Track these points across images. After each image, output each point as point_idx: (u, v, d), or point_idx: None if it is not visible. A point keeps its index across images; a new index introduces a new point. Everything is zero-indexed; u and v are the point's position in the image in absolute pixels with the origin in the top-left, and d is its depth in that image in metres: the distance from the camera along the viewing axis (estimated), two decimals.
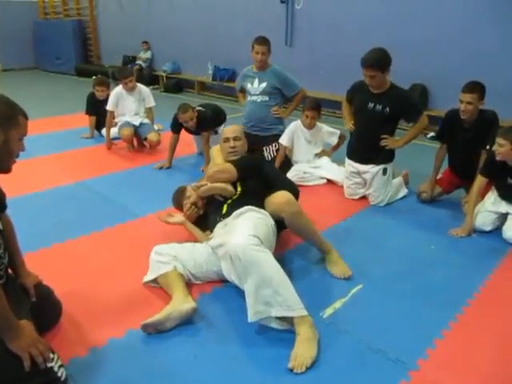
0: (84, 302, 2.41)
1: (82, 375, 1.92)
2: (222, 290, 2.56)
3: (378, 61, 3.52)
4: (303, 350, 2.02)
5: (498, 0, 5.53)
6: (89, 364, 1.99)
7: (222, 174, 2.85)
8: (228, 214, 2.65)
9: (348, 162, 4.02)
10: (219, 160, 3.17)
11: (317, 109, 4.34)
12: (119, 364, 2.00)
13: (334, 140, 4.49)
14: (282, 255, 2.82)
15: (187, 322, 2.24)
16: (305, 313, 2.11)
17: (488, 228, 3.35)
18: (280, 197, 2.64)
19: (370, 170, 3.84)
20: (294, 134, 4.43)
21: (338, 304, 2.45)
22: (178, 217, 3.02)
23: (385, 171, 3.83)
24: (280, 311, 2.09)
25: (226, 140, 3.14)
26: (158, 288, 2.51)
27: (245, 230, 2.24)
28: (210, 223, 2.82)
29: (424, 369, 1.99)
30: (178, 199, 3.20)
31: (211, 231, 2.78)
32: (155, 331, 2.16)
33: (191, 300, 2.27)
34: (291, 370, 1.96)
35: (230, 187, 2.81)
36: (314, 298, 2.48)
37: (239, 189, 2.85)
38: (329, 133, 4.48)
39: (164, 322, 2.16)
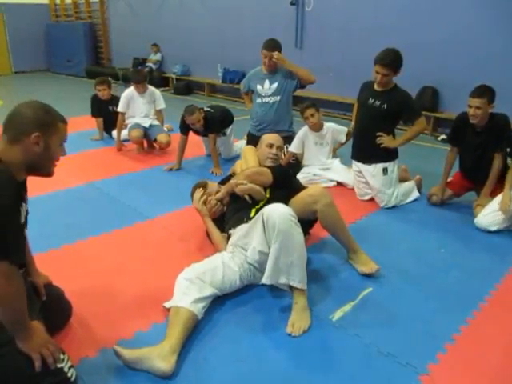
0: (93, 303, 2.42)
1: (92, 376, 1.93)
2: (232, 294, 2.55)
3: (394, 61, 3.58)
4: (300, 318, 2.26)
5: (509, 2, 5.48)
6: (98, 365, 2.00)
7: (260, 176, 2.87)
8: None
9: (352, 161, 4.07)
10: (252, 161, 3.18)
11: (311, 106, 4.33)
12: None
13: (343, 138, 4.50)
14: None
15: (195, 326, 2.22)
16: (305, 287, 2.31)
17: (493, 228, 3.35)
18: (313, 189, 2.79)
19: (369, 169, 3.85)
20: (304, 140, 4.42)
21: (347, 307, 2.44)
22: (205, 208, 3.02)
23: (385, 170, 3.82)
24: (288, 280, 2.26)
25: (270, 146, 3.18)
26: (167, 287, 2.47)
27: (285, 207, 2.33)
28: (231, 222, 2.81)
29: (434, 373, 1.98)
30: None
31: (228, 230, 2.78)
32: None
33: (173, 361, 1.96)
34: (289, 335, 2.19)
35: (263, 191, 2.83)
36: (324, 301, 2.49)
37: (267, 195, 2.86)
38: (337, 131, 4.49)
39: (131, 363, 1.97)
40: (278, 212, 2.25)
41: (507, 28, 5.53)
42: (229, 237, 2.75)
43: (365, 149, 3.89)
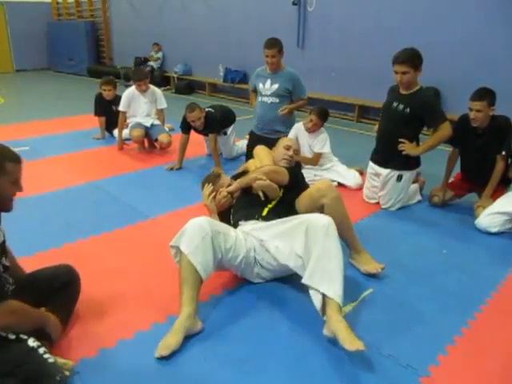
0: (93, 303, 2.42)
1: (91, 376, 1.93)
2: (233, 292, 2.56)
3: (412, 57, 3.49)
4: (352, 338, 1.99)
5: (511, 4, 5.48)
6: (97, 365, 1.99)
7: (278, 175, 2.87)
8: (267, 217, 2.67)
9: (369, 163, 4.00)
10: (267, 160, 3.18)
11: (322, 117, 4.28)
12: (128, 365, 2.00)
13: (319, 149, 4.36)
14: None
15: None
16: (342, 304, 2.15)
17: (494, 230, 3.35)
18: (321, 183, 2.78)
19: (384, 173, 3.80)
20: (298, 136, 4.41)
21: (348, 308, 2.42)
22: (213, 204, 3.01)
23: (399, 178, 3.75)
24: (328, 290, 2.13)
25: (288, 148, 3.23)
26: (168, 287, 2.48)
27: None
28: (240, 214, 2.80)
29: (435, 375, 1.97)
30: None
31: (237, 221, 2.77)
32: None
33: (198, 320, 2.22)
34: (358, 350, 1.94)
35: (278, 190, 2.83)
36: None
37: (280, 194, 2.86)
38: (320, 142, 4.35)
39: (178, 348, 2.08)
40: (326, 219, 2.29)
41: (509, 29, 5.52)
42: (235, 226, 2.75)
43: (385, 153, 3.79)
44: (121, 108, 5.37)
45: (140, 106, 5.37)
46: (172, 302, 2.38)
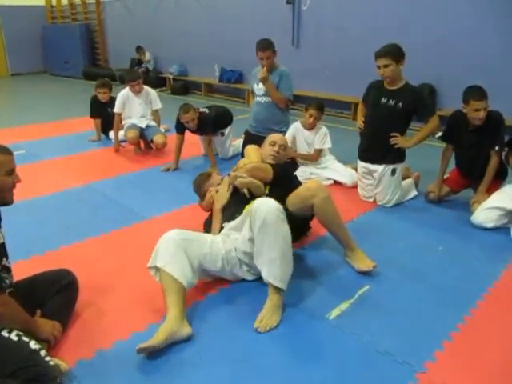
0: (90, 304, 2.42)
1: (88, 378, 1.93)
2: (229, 292, 2.56)
3: (392, 50, 3.54)
4: (270, 316, 2.26)
5: (509, 1, 5.48)
6: (94, 366, 1.99)
7: (261, 172, 2.88)
8: None
9: (359, 163, 4.00)
10: (255, 158, 3.19)
11: (321, 110, 4.33)
12: (125, 366, 2.00)
13: (320, 144, 4.37)
14: None
15: (192, 324, 2.24)
16: (284, 286, 2.32)
17: (489, 225, 3.35)
18: (311, 183, 2.83)
19: (379, 169, 3.81)
20: (296, 135, 4.41)
21: (344, 305, 2.43)
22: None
23: (393, 172, 3.79)
24: (267, 276, 2.31)
25: (273, 144, 3.23)
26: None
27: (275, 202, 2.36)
28: (224, 216, 2.81)
29: (432, 371, 1.98)
30: (200, 184, 3.22)
31: (222, 223, 2.78)
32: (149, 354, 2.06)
33: (188, 324, 2.19)
34: (256, 329, 2.21)
35: (262, 187, 2.83)
36: (320, 299, 2.49)
37: (266, 191, 2.86)
38: (321, 138, 4.37)
39: (161, 345, 2.06)
40: (266, 205, 2.29)
41: (504, 26, 5.53)
42: (221, 229, 2.76)
43: (378, 149, 3.80)
44: (116, 110, 5.36)
45: (135, 107, 5.37)
46: None
